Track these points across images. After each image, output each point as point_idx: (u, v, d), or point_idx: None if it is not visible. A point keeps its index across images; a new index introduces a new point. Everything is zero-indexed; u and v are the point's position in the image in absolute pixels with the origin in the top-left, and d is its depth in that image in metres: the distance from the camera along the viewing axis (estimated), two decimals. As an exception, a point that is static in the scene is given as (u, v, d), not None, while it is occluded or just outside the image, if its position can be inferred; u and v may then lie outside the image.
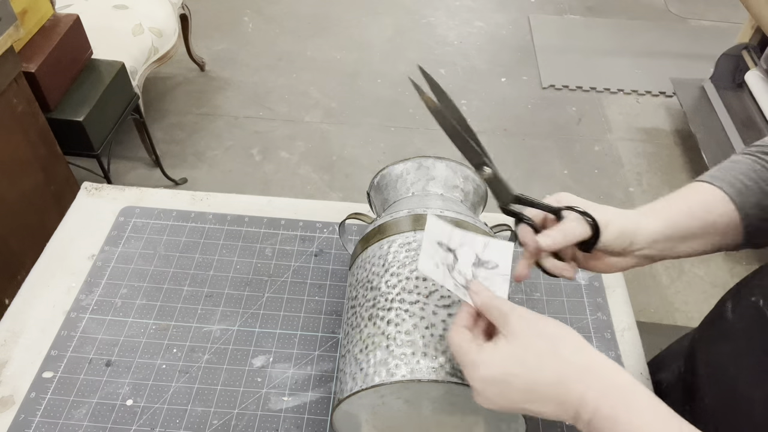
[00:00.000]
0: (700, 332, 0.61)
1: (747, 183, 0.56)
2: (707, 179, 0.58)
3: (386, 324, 0.54)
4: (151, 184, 2.07)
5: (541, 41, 2.83)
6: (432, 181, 0.71)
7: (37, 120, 1.40)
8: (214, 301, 0.78)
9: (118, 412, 0.66)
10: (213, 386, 0.69)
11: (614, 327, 0.77)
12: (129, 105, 1.78)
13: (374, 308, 0.56)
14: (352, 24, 2.90)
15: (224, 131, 2.33)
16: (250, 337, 0.74)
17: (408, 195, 0.70)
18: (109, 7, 1.96)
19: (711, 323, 0.60)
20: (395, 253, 0.59)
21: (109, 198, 0.90)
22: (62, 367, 0.70)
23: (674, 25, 2.97)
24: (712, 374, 0.56)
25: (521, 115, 2.47)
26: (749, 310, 0.52)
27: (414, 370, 0.50)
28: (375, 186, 0.76)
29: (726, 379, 0.53)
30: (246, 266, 0.82)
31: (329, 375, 0.71)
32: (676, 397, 0.62)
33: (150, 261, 0.81)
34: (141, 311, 0.76)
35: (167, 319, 0.75)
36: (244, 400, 0.68)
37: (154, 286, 0.79)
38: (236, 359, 0.72)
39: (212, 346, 0.73)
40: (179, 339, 0.73)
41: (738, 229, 0.57)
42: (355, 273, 0.63)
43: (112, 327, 0.74)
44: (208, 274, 0.80)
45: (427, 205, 0.65)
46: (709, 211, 0.56)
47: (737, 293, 0.57)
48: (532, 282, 0.81)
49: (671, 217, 0.56)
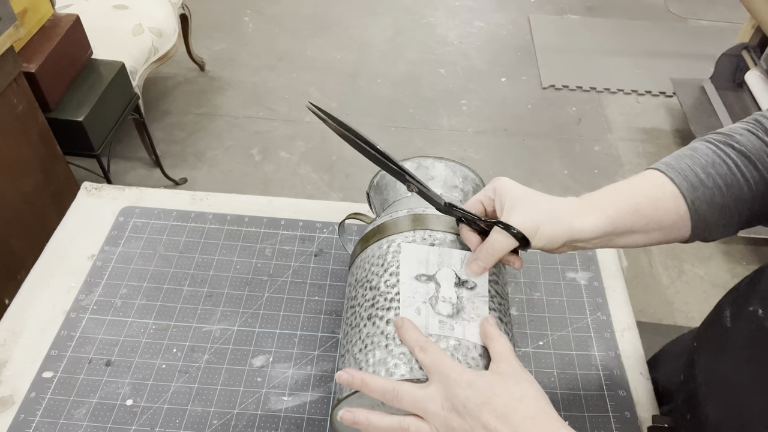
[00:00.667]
0: (699, 341, 0.59)
1: (702, 177, 0.54)
2: (662, 168, 0.56)
3: (385, 324, 0.54)
4: (151, 184, 2.07)
5: (541, 41, 2.83)
6: (431, 181, 0.71)
7: (37, 120, 1.41)
8: (214, 301, 0.78)
9: (118, 411, 0.66)
10: (213, 386, 0.69)
11: (614, 327, 0.77)
12: (129, 105, 1.78)
13: (373, 308, 0.56)
14: (352, 24, 2.90)
15: (224, 131, 2.33)
16: (250, 336, 0.74)
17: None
18: (109, 7, 1.96)
19: (710, 331, 0.58)
20: (395, 252, 0.59)
21: (109, 198, 0.90)
22: (62, 367, 0.70)
23: (674, 25, 2.97)
24: (713, 385, 0.54)
25: (521, 115, 2.47)
26: (748, 321, 0.51)
27: (413, 369, 0.50)
28: (374, 186, 0.76)
29: (727, 391, 0.52)
30: (246, 266, 0.82)
31: (329, 375, 0.71)
32: (676, 406, 0.62)
33: (150, 261, 0.81)
34: (141, 311, 0.76)
35: (167, 319, 0.75)
36: (244, 399, 0.68)
37: (154, 286, 0.79)
38: (236, 359, 0.72)
39: (212, 346, 0.73)
40: (179, 339, 0.73)
41: (686, 224, 0.55)
42: (355, 273, 0.63)
43: (112, 327, 0.74)
44: (208, 274, 0.80)
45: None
46: (656, 207, 0.54)
47: (735, 301, 0.55)
48: (532, 282, 0.81)
49: (614, 213, 0.54)
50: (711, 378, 0.54)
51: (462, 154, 2.28)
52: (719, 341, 0.55)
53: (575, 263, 0.84)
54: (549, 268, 0.83)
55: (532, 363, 0.72)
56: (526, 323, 0.77)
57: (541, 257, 0.84)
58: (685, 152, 0.57)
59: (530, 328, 0.76)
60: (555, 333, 0.76)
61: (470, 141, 2.34)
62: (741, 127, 0.57)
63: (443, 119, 2.43)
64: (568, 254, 0.84)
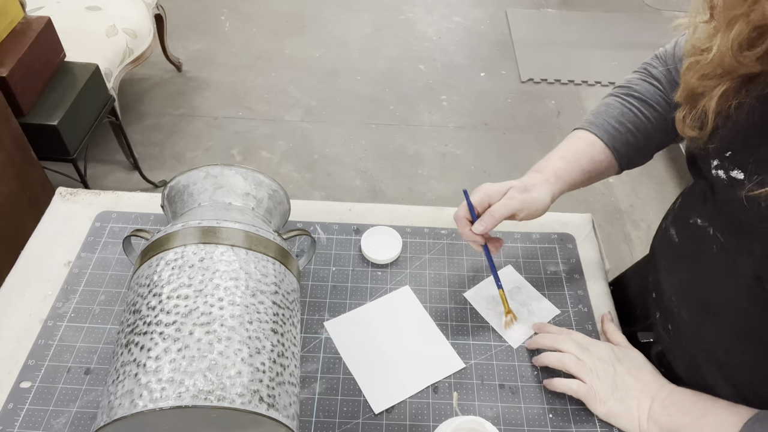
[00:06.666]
0: (656, 262, 0.71)
1: (616, 126, 0.73)
2: (587, 126, 0.74)
3: (139, 350, 0.52)
4: (129, 188, 2.05)
5: (519, 35, 2.84)
6: (220, 190, 0.69)
7: (10, 125, 1.38)
8: (195, 304, 0.76)
9: (98, 420, 0.65)
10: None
11: (595, 318, 0.77)
12: (104, 108, 1.75)
13: (132, 333, 0.54)
14: (329, 21, 2.89)
15: (203, 132, 2.30)
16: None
17: (195, 206, 0.68)
18: (81, 8, 1.93)
19: (662, 250, 0.70)
20: (161, 271, 0.57)
21: (84, 203, 0.88)
22: (40, 376, 0.69)
23: (650, 17, 3.00)
24: (680, 293, 0.65)
25: (501, 109, 2.48)
26: (692, 231, 0.62)
27: (155, 399, 0.48)
28: (167, 198, 0.73)
29: (692, 293, 0.62)
30: (226, 268, 0.81)
31: (313, 376, 0.71)
32: (654, 321, 0.72)
33: (128, 266, 0.80)
34: (120, 318, 0.75)
35: (147, 324, 0.74)
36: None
37: (133, 291, 0.77)
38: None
39: (194, 351, 0.72)
40: (160, 344, 0.72)
41: (614, 165, 0.74)
42: (128, 296, 0.60)
43: (90, 334, 0.73)
44: (188, 277, 0.79)
45: (203, 216, 0.63)
46: (593, 161, 0.73)
47: (675, 219, 0.67)
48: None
49: (569, 178, 0.72)
50: (676, 287, 0.65)
51: (443, 150, 2.28)
52: (673, 255, 0.67)
53: (556, 257, 0.84)
54: (531, 261, 0.84)
55: (515, 356, 0.73)
56: (509, 317, 0.77)
57: (522, 252, 0.85)
58: (600, 109, 0.76)
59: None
60: (537, 326, 0.76)
61: (451, 136, 2.35)
62: (637, 78, 0.76)
63: (424, 115, 2.43)
64: (549, 248, 0.85)
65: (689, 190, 0.67)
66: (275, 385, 0.53)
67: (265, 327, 0.56)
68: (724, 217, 0.56)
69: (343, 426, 0.66)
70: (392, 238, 0.83)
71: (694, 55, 0.53)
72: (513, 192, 0.70)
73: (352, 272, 0.81)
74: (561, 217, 0.89)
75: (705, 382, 0.62)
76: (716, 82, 0.51)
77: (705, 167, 0.56)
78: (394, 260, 0.82)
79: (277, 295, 0.60)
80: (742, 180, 0.51)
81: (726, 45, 0.47)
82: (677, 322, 0.66)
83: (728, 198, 0.53)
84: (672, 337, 0.67)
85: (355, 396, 0.69)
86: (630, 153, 0.74)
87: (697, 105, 0.54)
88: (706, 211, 0.60)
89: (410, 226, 0.87)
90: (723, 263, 0.57)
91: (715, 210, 0.58)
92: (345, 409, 0.68)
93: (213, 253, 0.58)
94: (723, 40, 0.48)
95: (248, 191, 0.70)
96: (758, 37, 0.45)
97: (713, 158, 0.55)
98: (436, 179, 2.17)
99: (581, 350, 0.68)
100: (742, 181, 0.51)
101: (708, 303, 0.60)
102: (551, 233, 0.87)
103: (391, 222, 0.88)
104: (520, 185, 0.70)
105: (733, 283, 0.55)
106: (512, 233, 0.86)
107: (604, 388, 0.65)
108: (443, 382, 0.70)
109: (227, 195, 0.69)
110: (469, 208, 0.71)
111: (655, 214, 2.09)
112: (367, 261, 0.82)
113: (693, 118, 0.55)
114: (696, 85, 0.53)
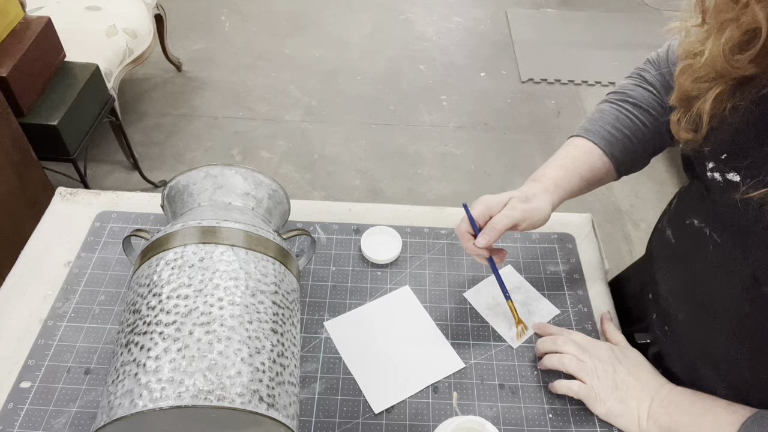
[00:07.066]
0: (653, 263, 0.71)
1: (613, 132, 0.73)
2: (583, 134, 0.74)
3: (139, 350, 0.52)
4: (129, 188, 2.05)
5: (519, 35, 2.84)
6: (219, 190, 0.69)
7: (10, 125, 1.38)
8: (195, 304, 0.77)
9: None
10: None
11: (595, 318, 0.77)
12: (104, 108, 1.75)
13: (132, 333, 0.54)
14: (329, 21, 2.89)
15: (203, 132, 2.30)
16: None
17: (194, 206, 0.68)
18: (81, 8, 1.93)
19: (658, 251, 0.70)
20: (161, 271, 0.57)
21: (84, 203, 0.88)
22: (40, 376, 0.69)
23: (650, 17, 3.00)
24: (677, 294, 0.65)
25: (501, 109, 2.48)
26: (688, 232, 0.62)
27: (155, 399, 0.48)
28: (167, 198, 0.73)
29: (688, 294, 0.63)
30: (226, 268, 0.81)
31: (313, 376, 0.71)
32: (651, 322, 0.72)
33: (128, 266, 0.80)
34: (120, 318, 0.75)
35: (147, 324, 0.74)
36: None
37: (133, 291, 0.77)
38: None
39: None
40: (160, 344, 0.72)
41: (611, 171, 0.74)
42: (128, 296, 0.60)
43: (90, 334, 0.73)
44: (188, 277, 0.79)
45: (203, 216, 0.63)
46: (593, 170, 0.73)
47: (671, 220, 0.67)
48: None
49: (569, 187, 0.72)
50: (673, 288, 0.65)
51: (443, 150, 2.28)
52: (669, 256, 0.66)
53: (556, 257, 0.84)
54: (531, 261, 0.84)
55: (515, 356, 0.73)
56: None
57: (522, 252, 0.85)
58: (595, 115, 0.75)
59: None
60: (537, 326, 0.76)
61: (451, 136, 2.35)
62: (630, 83, 0.76)
63: (424, 115, 2.43)
64: (549, 248, 0.85)
65: (685, 190, 0.67)
66: (275, 384, 0.53)
67: (265, 327, 0.56)
68: (721, 218, 0.56)
69: (343, 426, 0.66)
70: (392, 238, 0.83)
71: (687, 58, 0.54)
72: (514, 202, 0.68)
73: (351, 272, 0.81)
74: (561, 217, 0.89)
75: (702, 382, 0.62)
76: (710, 85, 0.51)
77: (700, 169, 0.56)
78: (393, 260, 0.82)
79: (277, 294, 0.60)
80: (738, 182, 0.51)
81: (718, 49, 0.48)
82: (674, 323, 0.66)
83: (724, 200, 0.53)
84: (669, 338, 0.67)
85: (355, 396, 0.69)
86: (627, 159, 0.74)
87: (692, 108, 0.54)
88: (702, 212, 0.60)
89: (410, 226, 0.87)
90: (720, 264, 0.57)
91: (711, 211, 0.58)
92: (345, 409, 0.68)
93: (213, 252, 0.58)
94: (715, 44, 0.48)
95: (248, 191, 0.70)
96: (749, 41, 0.46)
97: (709, 161, 0.55)
98: (436, 179, 2.17)
99: (581, 351, 0.68)
100: (738, 183, 0.51)
101: (705, 303, 0.60)
102: (551, 233, 0.87)
103: (391, 222, 0.88)
104: (520, 195, 0.69)
105: (730, 284, 0.55)
106: (512, 233, 0.86)
107: (604, 388, 0.65)
108: (443, 382, 0.70)
109: (227, 195, 0.69)
110: (470, 221, 0.69)
111: (655, 214, 2.09)
112: (366, 261, 0.82)
113: (688, 120, 0.55)
114: (690, 88, 0.54)
